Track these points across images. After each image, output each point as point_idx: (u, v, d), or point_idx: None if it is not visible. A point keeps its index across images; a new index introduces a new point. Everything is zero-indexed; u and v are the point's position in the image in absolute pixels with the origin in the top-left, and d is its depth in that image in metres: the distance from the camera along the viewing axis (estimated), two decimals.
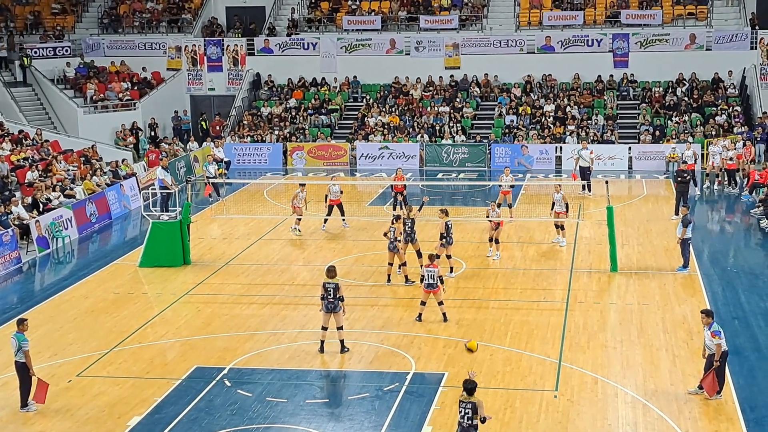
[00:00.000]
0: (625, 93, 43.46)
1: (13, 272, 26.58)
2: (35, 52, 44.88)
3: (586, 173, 34.18)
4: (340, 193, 29.34)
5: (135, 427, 16.19)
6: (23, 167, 33.60)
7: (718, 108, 41.37)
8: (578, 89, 43.65)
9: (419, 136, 41.62)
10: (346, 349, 19.22)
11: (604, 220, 25.42)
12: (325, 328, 19.19)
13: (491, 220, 25.89)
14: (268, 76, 46.43)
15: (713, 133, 39.56)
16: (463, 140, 41.20)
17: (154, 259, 25.78)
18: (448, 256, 24.11)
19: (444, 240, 23.86)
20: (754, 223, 30.06)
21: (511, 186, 30.39)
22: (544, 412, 16.41)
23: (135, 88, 45.33)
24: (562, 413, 16.38)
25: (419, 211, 25.06)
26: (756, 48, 42.66)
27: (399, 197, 30.62)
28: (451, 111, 43.18)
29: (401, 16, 46.94)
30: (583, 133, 40.32)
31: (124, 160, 36.73)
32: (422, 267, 21.29)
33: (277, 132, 42.81)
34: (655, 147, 39.46)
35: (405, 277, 23.76)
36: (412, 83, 45.06)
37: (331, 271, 19.25)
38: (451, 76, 45.01)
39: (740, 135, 38.11)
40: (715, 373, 16.58)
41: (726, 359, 16.72)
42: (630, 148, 39.59)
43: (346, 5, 47.90)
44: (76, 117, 42.54)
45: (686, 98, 42.30)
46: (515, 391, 17.24)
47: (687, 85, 42.96)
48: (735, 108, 41.14)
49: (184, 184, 32.60)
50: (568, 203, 27.36)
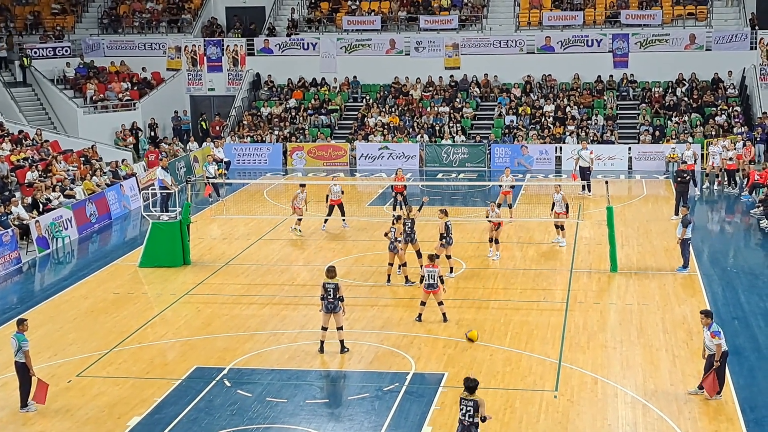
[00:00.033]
0: (625, 93, 43.46)
1: (13, 272, 26.57)
2: (35, 53, 44.86)
3: (586, 173, 34.18)
4: (341, 193, 29.34)
5: (135, 427, 16.18)
6: (23, 167, 33.59)
7: (718, 108, 41.36)
8: (578, 89, 43.65)
9: (419, 136, 41.61)
10: (346, 350, 19.22)
11: (604, 221, 25.42)
12: (325, 329, 19.19)
13: (491, 221, 25.91)
14: (268, 76, 46.43)
15: (713, 133, 39.56)
16: (462, 140, 41.20)
17: (154, 260, 25.78)
18: (448, 257, 24.10)
19: (444, 240, 23.87)
20: (753, 224, 30.06)
21: (512, 186, 30.40)
22: (544, 413, 16.40)
23: (135, 89, 45.32)
24: (562, 413, 16.38)
25: (419, 211, 25.06)
26: (756, 48, 42.67)
27: (399, 197, 30.64)
28: (451, 111, 43.17)
29: (401, 16, 46.93)
30: (582, 134, 40.32)
31: (123, 161, 36.72)
32: (422, 267, 21.29)
33: (276, 132, 42.81)
34: (655, 147, 39.46)
35: (405, 277, 23.75)
36: (411, 83, 45.06)
37: (330, 272, 19.24)
38: (451, 76, 45.01)
39: (740, 135, 38.11)
40: (716, 374, 16.58)
41: (726, 359, 16.72)
42: (630, 149, 39.59)
43: (345, 5, 47.89)
44: (76, 117, 42.53)
45: (686, 98, 42.30)
46: (515, 391, 17.23)
47: (687, 86, 42.96)
48: (735, 108, 41.13)
49: (183, 185, 32.59)
50: (568, 204, 27.36)
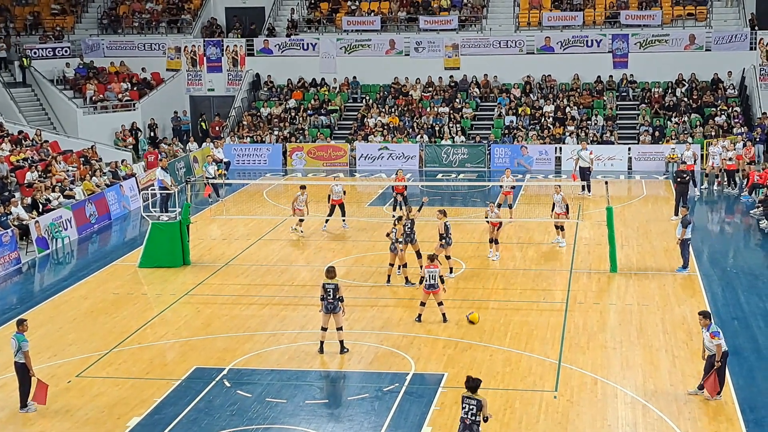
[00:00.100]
0: (625, 93, 43.46)
1: (13, 273, 26.56)
2: (35, 53, 44.85)
3: (585, 174, 34.19)
4: (343, 194, 29.33)
5: (134, 427, 16.18)
6: (23, 168, 33.58)
7: (718, 108, 41.37)
8: (578, 90, 43.65)
9: (419, 136, 41.61)
10: (346, 350, 19.22)
11: (604, 221, 25.42)
12: (324, 329, 19.18)
13: (489, 221, 25.89)
14: (268, 76, 46.42)
15: (713, 133, 39.56)
16: (462, 141, 41.20)
17: (153, 260, 25.77)
18: (447, 257, 24.08)
19: (443, 241, 23.86)
20: (753, 224, 30.06)
21: (512, 187, 30.40)
22: (544, 413, 16.40)
23: (134, 89, 45.30)
24: (562, 414, 16.37)
25: (419, 211, 25.06)
26: (755, 48, 42.67)
27: (399, 198, 30.63)
28: (451, 111, 43.17)
29: (401, 16, 46.93)
30: (582, 134, 40.32)
31: (123, 161, 36.72)
32: (422, 268, 21.28)
33: (276, 132, 42.81)
34: (655, 148, 39.46)
35: (405, 278, 23.73)
36: (411, 84, 45.06)
37: (330, 272, 19.24)
38: (451, 76, 45.01)
39: (740, 135, 38.11)
40: (716, 374, 16.58)
41: (726, 359, 16.72)
42: (629, 149, 39.59)
43: (345, 6, 47.89)
44: (76, 117, 42.51)
45: (686, 99, 42.30)
46: (515, 391, 17.23)
47: (686, 86, 42.96)
48: (734, 108, 41.14)
49: (183, 185, 32.59)
50: (568, 204, 27.36)
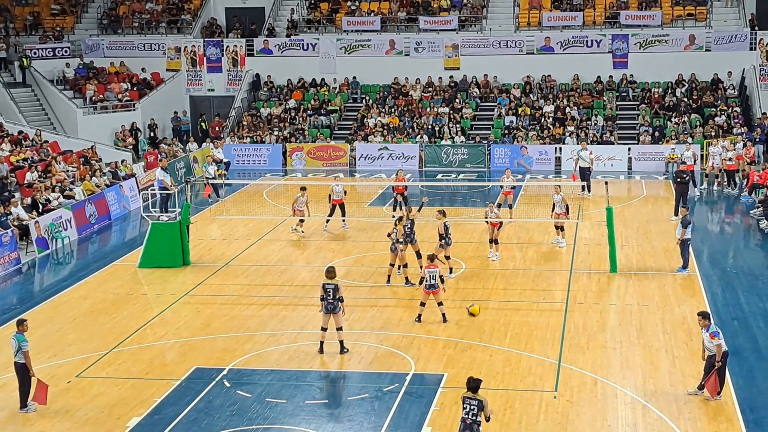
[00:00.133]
0: (625, 94, 43.46)
1: (13, 273, 26.56)
2: (35, 53, 44.85)
3: (585, 174, 34.19)
4: (343, 194, 29.32)
5: (134, 428, 16.17)
6: (23, 168, 33.59)
7: (718, 109, 41.37)
8: (578, 90, 43.65)
9: (419, 136, 41.61)
10: (346, 350, 19.22)
11: (604, 221, 25.42)
12: (324, 329, 19.18)
13: (489, 222, 25.88)
14: (268, 76, 46.42)
15: (713, 133, 39.57)
16: (462, 141, 41.20)
17: (153, 260, 25.77)
18: (447, 257, 24.07)
19: (443, 241, 23.85)
20: (753, 224, 30.06)
21: (512, 187, 30.40)
22: (544, 413, 16.40)
23: (134, 89, 45.31)
24: (562, 414, 16.37)
25: (419, 212, 25.05)
26: (755, 49, 42.67)
27: (399, 198, 30.62)
28: (451, 112, 43.17)
29: (401, 16, 46.94)
30: (582, 134, 40.32)
31: (123, 161, 36.72)
32: (422, 268, 21.28)
33: (276, 133, 42.81)
34: (655, 148, 39.46)
35: (405, 278, 23.72)
36: (411, 84, 45.06)
37: (330, 272, 19.23)
38: (451, 76, 45.02)
39: (740, 136, 38.11)
40: (717, 374, 16.57)
41: (726, 359, 16.72)
42: (629, 149, 39.59)
43: (345, 6, 47.90)
44: (76, 118, 42.51)
45: (686, 99, 42.31)
46: (515, 391, 17.23)
47: (686, 86, 42.96)
48: (734, 109, 41.15)
49: (183, 185, 32.59)
50: (568, 204, 27.35)
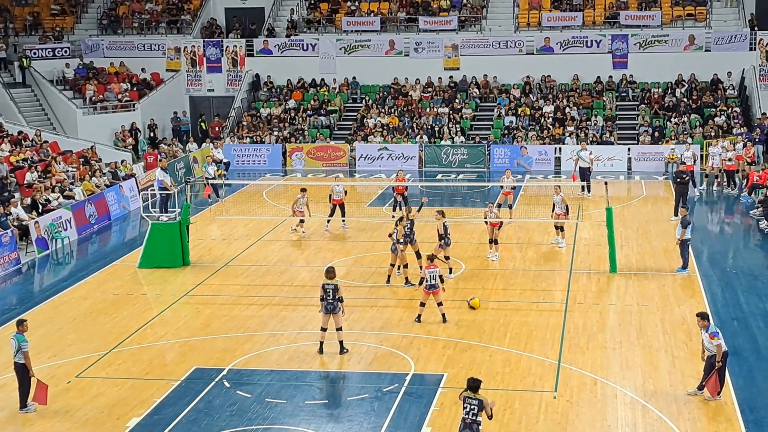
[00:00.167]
0: (624, 94, 43.47)
1: (13, 273, 26.56)
2: (34, 53, 44.85)
3: (585, 174, 34.20)
4: (344, 194, 29.33)
5: (134, 428, 16.17)
6: (22, 168, 33.59)
7: (717, 109, 41.38)
8: (577, 90, 43.66)
9: (418, 137, 41.61)
10: (346, 350, 19.22)
11: (604, 221, 25.43)
12: (324, 329, 19.18)
13: (488, 222, 25.87)
14: (268, 77, 46.43)
15: (712, 134, 39.58)
16: (462, 141, 41.20)
17: (153, 260, 25.77)
18: (447, 257, 24.06)
19: (442, 241, 23.84)
20: (753, 225, 30.06)
21: (513, 187, 30.40)
22: (544, 413, 16.40)
23: (134, 89, 45.31)
24: (562, 414, 16.38)
25: (418, 212, 25.05)
26: (755, 49, 42.67)
27: (399, 198, 30.62)
28: (451, 112, 43.17)
29: (400, 17, 46.94)
30: (582, 134, 40.32)
31: (123, 161, 36.72)
32: (422, 269, 21.27)
33: (276, 133, 42.81)
34: (655, 148, 39.45)
35: (405, 278, 23.72)
36: (411, 84, 45.06)
37: (330, 272, 19.23)
38: (451, 77, 45.02)
39: (740, 136, 38.12)
40: (717, 374, 16.57)
41: (726, 359, 16.72)
42: (629, 149, 39.59)
43: (345, 6, 47.90)
44: (76, 118, 42.53)
45: (685, 99, 42.31)
46: (514, 392, 17.23)
47: (686, 86, 42.97)
48: (734, 109, 41.15)
49: (183, 185, 32.59)
50: (568, 205, 27.35)
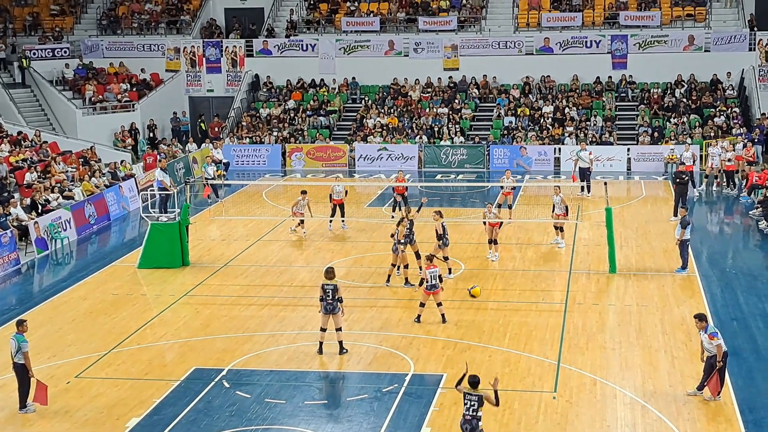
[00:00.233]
0: (624, 94, 43.48)
1: (12, 273, 26.55)
2: (34, 54, 44.84)
3: (585, 174, 34.21)
4: (344, 194, 29.33)
5: (134, 428, 16.17)
6: (22, 168, 33.58)
7: (717, 109, 41.39)
8: (577, 90, 43.66)
9: (418, 137, 41.62)
10: (345, 351, 19.22)
11: (603, 222, 25.43)
12: (323, 330, 19.18)
13: (487, 222, 25.85)
14: (267, 77, 46.43)
15: (712, 134, 39.59)
16: (461, 141, 41.21)
17: (152, 261, 25.77)
18: (446, 258, 24.04)
19: (440, 241, 23.82)
20: (752, 225, 30.07)
21: (513, 187, 30.40)
22: (543, 414, 16.41)
23: (134, 90, 45.31)
24: (561, 414, 16.38)
25: (418, 212, 25.06)
26: (754, 49, 42.68)
27: (398, 198, 30.61)
28: (450, 112, 43.17)
29: (400, 17, 46.94)
30: (581, 135, 40.33)
31: (122, 162, 36.72)
32: (422, 269, 21.25)
33: (275, 133, 42.81)
34: (654, 148, 39.46)
35: (405, 279, 23.71)
36: (410, 84, 45.07)
37: (329, 273, 19.23)
38: (450, 77, 45.02)
39: (739, 136, 38.13)
40: (718, 374, 16.58)
41: (726, 359, 16.71)
42: (629, 150, 39.60)
43: (344, 6, 47.90)
44: (75, 118, 42.53)
45: (685, 99, 42.32)
46: (514, 392, 17.22)
47: (685, 87, 42.98)
48: (733, 109, 41.17)
49: (182, 186, 32.59)
50: (567, 206, 27.35)
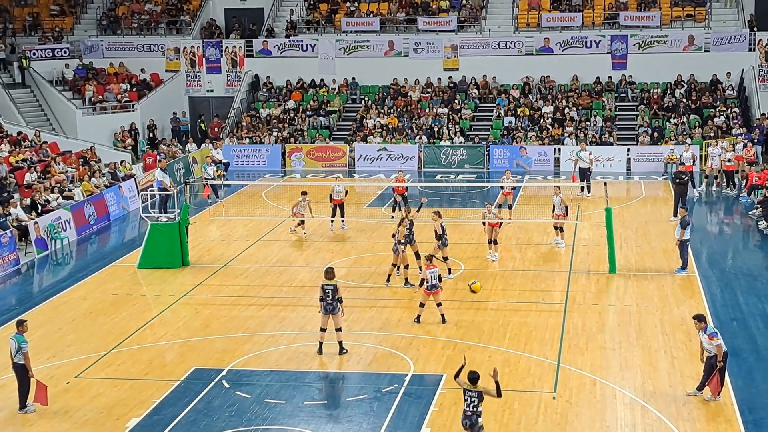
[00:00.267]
0: (624, 94, 43.48)
1: (12, 274, 26.55)
2: (34, 54, 44.83)
3: (585, 174, 34.21)
4: (344, 194, 29.34)
5: (134, 428, 16.17)
6: (22, 169, 33.59)
7: (717, 109, 41.40)
8: (577, 91, 43.67)
9: (418, 137, 41.62)
10: (345, 351, 19.22)
11: (603, 222, 25.43)
12: (323, 330, 19.19)
13: (487, 222, 25.85)
14: (267, 77, 46.43)
15: (711, 134, 39.59)
16: (461, 142, 41.21)
17: (152, 261, 25.77)
18: (445, 258, 24.03)
19: (440, 241, 23.81)
20: (752, 225, 30.07)
21: (513, 188, 30.40)
22: (543, 414, 16.41)
23: (133, 90, 45.31)
24: (561, 415, 16.38)
25: (417, 212, 25.05)
26: (754, 49, 42.69)
27: (398, 198, 30.61)
28: (450, 112, 43.18)
29: (400, 17, 46.95)
30: (581, 135, 40.33)
31: (122, 162, 36.72)
32: (422, 270, 21.25)
33: (275, 133, 42.82)
34: (654, 148, 39.47)
35: (405, 279, 23.70)
36: (410, 85, 45.07)
37: (329, 273, 19.24)
38: (450, 77, 45.02)
39: (739, 136, 38.13)
40: (719, 374, 16.58)
41: (727, 359, 16.71)
42: (628, 150, 39.60)
43: (344, 7, 47.91)
44: (75, 118, 42.54)
45: (685, 100, 42.33)
46: (514, 392, 17.22)
47: (685, 87, 42.99)
48: (733, 109, 41.17)
49: (182, 186, 32.59)
50: (567, 206, 27.35)
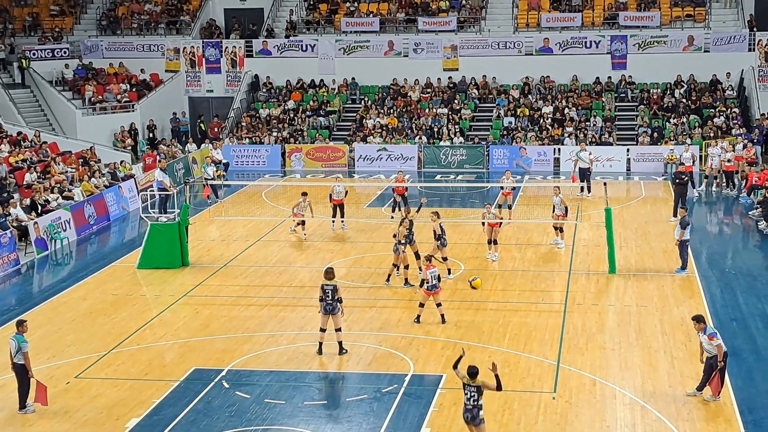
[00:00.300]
0: (624, 95, 43.49)
1: (12, 274, 26.55)
2: (34, 54, 44.82)
3: (585, 174, 34.22)
4: (344, 194, 29.34)
5: (133, 428, 16.18)
6: (22, 169, 33.58)
7: (716, 110, 41.40)
8: (576, 91, 43.67)
9: (417, 137, 41.62)
10: (345, 351, 19.22)
11: (603, 222, 25.44)
12: (323, 330, 19.19)
13: (486, 222, 25.84)
14: (267, 77, 46.43)
15: (711, 134, 39.60)
16: (461, 142, 41.21)
17: (152, 261, 25.77)
18: (444, 258, 24.03)
19: (439, 242, 23.81)
20: (752, 225, 30.07)
21: (513, 188, 30.40)
22: (543, 414, 16.41)
23: (133, 90, 45.30)
24: (561, 415, 16.38)
25: (417, 212, 25.05)
26: (754, 50, 42.69)
27: (398, 198, 30.61)
28: (450, 113, 43.18)
29: (399, 17, 46.95)
30: (581, 135, 40.34)
31: (122, 162, 36.71)
32: (422, 270, 21.25)
33: (275, 134, 42.82)
34: (654, 149, 39.47)
35: (405, 279, 23.70)
36: (410, 85, 45.07)
37: (329, 273, 19.24)
38: (450, 77, 45.02)
39: (739, 137, 38.14)
40: (719, 374, 16.58)
41: (726, 359, 16.72)
42: (628, 150, 39.60)
43: (344, 7, 47.91)
44: (75, 119, 42.53)
45: (684, 100, 42.33)
46: (513, 392, 17.22)
47: (685, 87, 42.99)
48: (733, 110, 41.17)
49: (182, 186, 32.59)
50: (567, 206, 27.35)
